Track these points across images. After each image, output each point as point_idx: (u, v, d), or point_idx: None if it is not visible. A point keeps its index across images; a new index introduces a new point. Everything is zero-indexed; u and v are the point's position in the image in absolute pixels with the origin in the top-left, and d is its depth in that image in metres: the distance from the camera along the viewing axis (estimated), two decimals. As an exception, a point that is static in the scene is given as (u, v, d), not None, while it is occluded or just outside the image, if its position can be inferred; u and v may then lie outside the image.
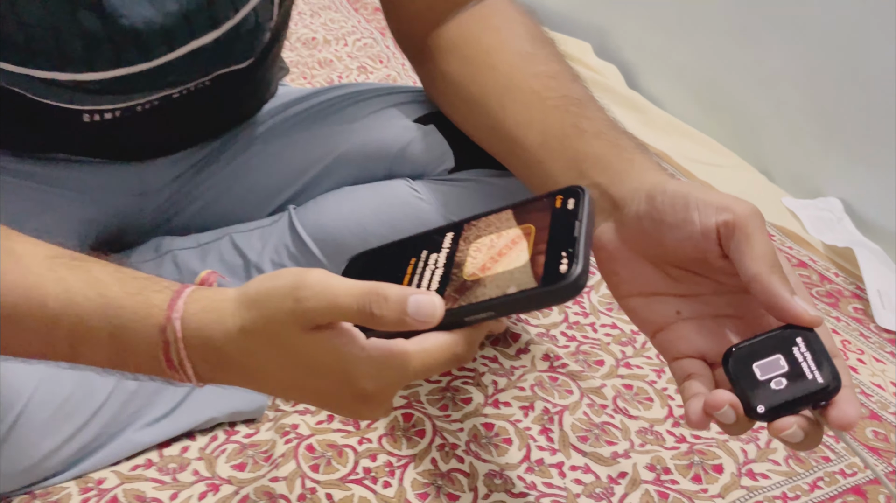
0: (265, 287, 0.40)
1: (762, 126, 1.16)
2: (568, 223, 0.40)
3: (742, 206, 0.42)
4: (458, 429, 0.70)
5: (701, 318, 0.45)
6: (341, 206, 0.70)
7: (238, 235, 0.73)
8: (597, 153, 0.50)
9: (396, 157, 0.70)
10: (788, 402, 0.39)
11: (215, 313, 0.41)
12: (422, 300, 0.38)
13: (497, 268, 0.40)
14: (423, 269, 0.44)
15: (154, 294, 0.42)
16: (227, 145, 0.75)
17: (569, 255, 0.38)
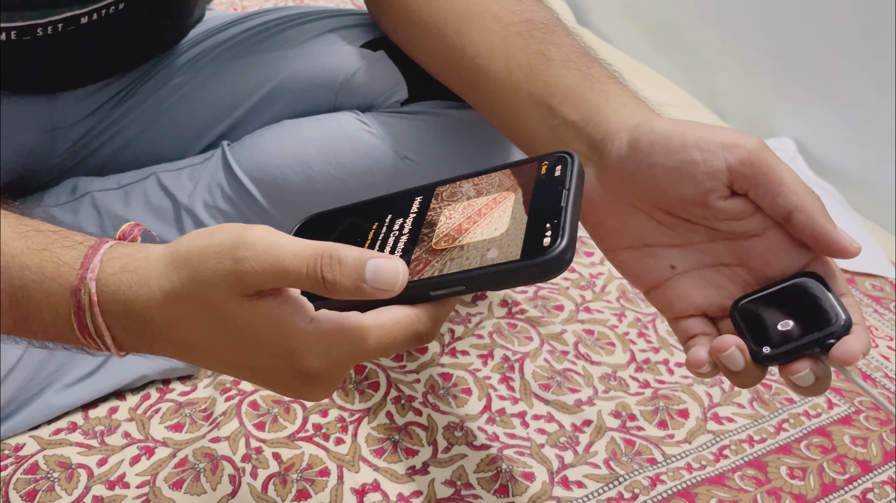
0: (198, 244, 0.34)
1: (715, 64, 1.13)
2: (554, 192, 0.36)
3: (751, 140, 0.39)
4: (415, 380, 0.65)
5: (698, 270, 0.42)
6: (281, 142, 0.63)
7: (165, 175, 0.66)
8: (568, 85, 0.45)
9: (342, 86, 0.64)
10: (796, 345, 0.37)
11: (137, 273, 0.35)
12: (382, 265, 0.33)
13: (471, 237, 0.36)
14: (387, 235, 0.39)
15: (64, 250, 0.36)
16: (149, 75, 0.67)
17: (553, 227, 0.34)
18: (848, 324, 0.36)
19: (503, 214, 0.36)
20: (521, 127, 0.47)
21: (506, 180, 0.38)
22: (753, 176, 0.38)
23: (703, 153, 0.39)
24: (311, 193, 0.62)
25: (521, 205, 0.36)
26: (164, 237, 0.64)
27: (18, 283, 0.35)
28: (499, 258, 0.34)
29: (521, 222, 0.35)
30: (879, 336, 0.78)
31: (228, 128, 0.67)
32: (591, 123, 0.43)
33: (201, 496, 0.54)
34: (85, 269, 0.35)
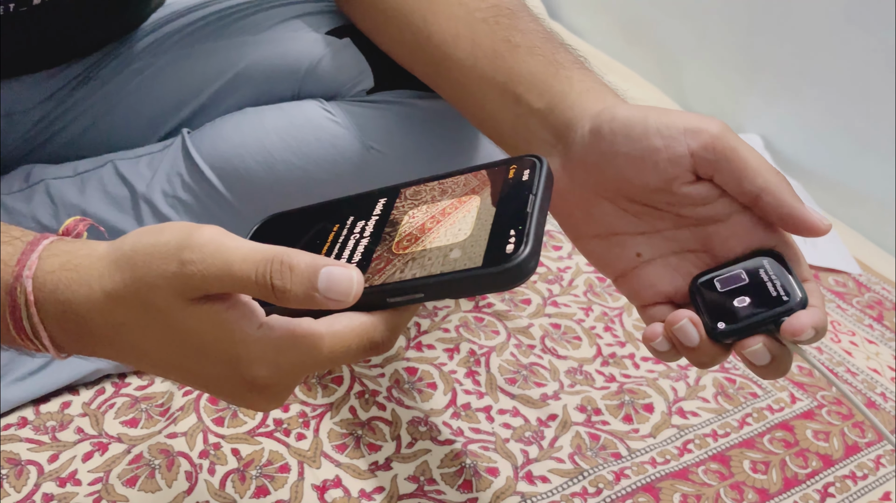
0: (144, 243, 0.32)
1: (685, 60, 1.14)
2: (521, 196, 0.34)
3: (713, 124, 0.38)
4: (379, 374, 0.64)
5: (664, 257, 0.42)
6: (243, 130, 0.62)
7: (123, 163, 0.64)
8: (532, 72, 0.44)
9: (306, 74, 0.62)
10: (751, 321, 0.37)
11: (78, 272, 0.33)
12: (336, 273, 0.31)
13: (431, 242, 0.34)
14: (347, 238, 0.37)
15: (1, 246, 0.34)
16: (108, 60, 0.65)
17: (518, 234, 0.32)
18: (803, 303, 0.36)
19: (467, 217, 0.35)
20: (488, 115, 0.46)
21: (473, 182, 0.37)
22: (717, 161, 0.38)
23: (665, 139, 0.38)
24: (274, 183, 0.60)
25: (487, 208, 0.35)
26: (121, 227, 0.62)
27: None
28: (460, 264, 0.32)
29: (486, 227, 0.34)
30: (842, 331, 0.78)
31: (189, 115, 0.65)
32: (556, 111, 0.42)
33: (156, 493, 0.52)
34: (21, 267, 0.33)
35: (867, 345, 0.77)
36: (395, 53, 0.56)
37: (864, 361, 0.75)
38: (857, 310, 0.82)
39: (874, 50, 0.91)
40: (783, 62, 1.02)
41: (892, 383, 0.73)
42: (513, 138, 0.45)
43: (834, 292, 0.84)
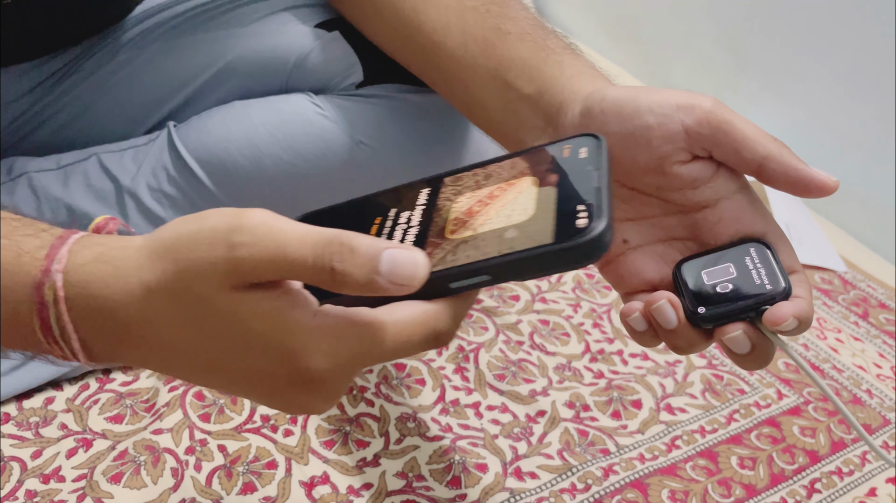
0: (187, 230, 0.30)
1: (673, 57, 1.14)
2: (582, 173, 0.33)
3: (706, 99, 0.38)
4: (367, 370, 0.64)
5: (650, 245, 0.41)
6: (230, 124, 0.61)
7: (107, 156, 0.63)
8: (523, 58, 0.44)
9: (295, 67, 0.62)
10: (731, 307, 0.36)
11: (113, 264, 0.30)
12: (399, 256, 0.29)
13: (491, 223, 0.32)
14: (392, 229, 0.35)
15: (26, 238, 0.31)
16: (93, 52, 0.64)
17: (588, 208, 0.31)
18: (786, 292, 0.36)
19: (526, 197, 0.33)
20: (478, 103, 0.46)
21: (523, 165, 0.35)
22: (714, 135, 0.37)
23: (658, 117, 0.38)
24: (262, 178, 0.60)
25: (546, 188, 0.33)
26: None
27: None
28: (528, 243, 0.30)
29: (550, 205, 0.32)
30: (828, 328, 0.79)
31: (175, 108, 0.64)
32: (546, 96, 0.42)
33: (141, 490, 0.52)
34: (50, 260, 0.30)
35: (853, 342, 0.77)
36: (385, 44, 0.55)
37: (849, 358, 0.75)
38: (842, 308, 0.82)
39: (859, 49, 0.92)
40: (769, 61, 1.02)
41: (877, 380, 0.73)
42: (503, 125, 0.45)
43: (820, 290, 0.84)
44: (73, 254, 0.31)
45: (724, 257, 0.38)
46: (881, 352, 0.77)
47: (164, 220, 0.61)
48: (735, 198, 0.39)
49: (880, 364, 0.75)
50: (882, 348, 0.77)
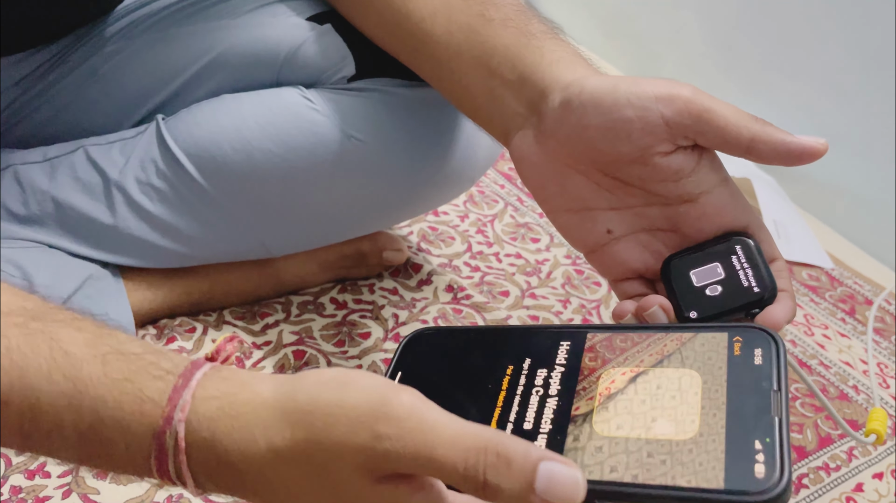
0: (325, 400, 0.28)
1: (663, 54, 1.14)
2: (758, 389, 0.29)
3: (684, 88, 0.38)
4: (356, 365, 0.64)
5: (634, 234, 0.42)
6: (219, 117, 0.61)
7: (94, 148, 0.62)
8: (505, 44, 0.44)
9: (286, 60, 0.61)
10: (721, 310, 0.37)
11: (239, 420, 0.29)
12: (558, 474, 0.26)
13: (647, 430, 0.29)
14: (527, 391, 0.33)
15: (149, 381, 0.30)
16: (80, 43, 0.64)
17: (766, 450, 0.27)
18: (773, 293, 0.36)
19: (690, 404, 0.29)
20: (463, 90, 0.46)
21: (685, 350, 0.31)
22: (696, 124, 0.37)
23: (637, 110, 0.38)
24: (252, 172, 0.59)
25: (712, 396, 0.29)
26: (92, 215, 0.60)
27: (91, 419, 0.30)
28: (690, 478, 0.27)
29: (718, 428, 0.28)
30: (815, 325, 0.79)
31: (164, 101, 0.64)
32: (528, 83, 0.42)
33: (128, 485, 0.51)
34: (172, 407, 0.29)
35: (839, 338, 0.78)
36: (374, 33, 0.55)
37: (836, 354, 0.76)
38: (829, 304, 0.83)
39: (848, 47, 0.92)
40: (759, 58, 1.03)
41: (863, 376, 0.74)
42: (488, 112, 0.45)
43: (807, 286, 0.85)
44: (196, 400, 0.29)
45: (711, 255, 0.39)
46: (867, 349, 0.77)
47: (153, 214, 0.60)
48: (716, 191, 0.39)
49: (867, 360, 0.76)
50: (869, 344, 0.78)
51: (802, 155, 0.37)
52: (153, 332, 0.63)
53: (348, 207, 0.62)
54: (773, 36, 0.99)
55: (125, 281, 0.63)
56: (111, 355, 0.30)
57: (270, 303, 0.68)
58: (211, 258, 0.64)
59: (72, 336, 0.30)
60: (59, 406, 0.30)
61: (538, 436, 0.31)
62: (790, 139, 0.37)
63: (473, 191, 0.88)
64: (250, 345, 0.32)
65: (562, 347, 0.34)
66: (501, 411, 0.33)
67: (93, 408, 0.30)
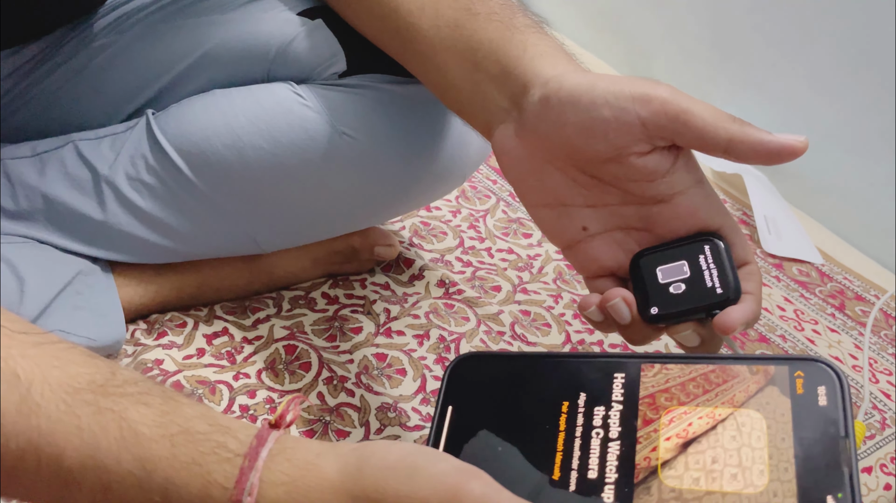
0: (395, 490, 0.28)
1: (654, 50, 1.14)
2: (824, 435, 0.27)
3: (662, 89, 0.38)
4: (348, 360, 0.64)
5: (609, 232, 0.42)
6: (210, 112, 0.60)
7: (84, 143, 0.62)
8: (490, 38, 0.44)
9: (277, 55, 0.61)
10: (683, 309, 0.37)
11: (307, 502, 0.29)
12: None
13: (714, 483, 0.28)
14: (587, 434, 0.32)
15: (216, 465, 0.30)
16: (70, 38, 0.63)
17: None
18: (736, 295, 0.37)
19: (756, 450, 0.28)
20: (450, 84, 0.46)
21: (747, 384, 0.30)
22: (672, 125, 0.37)
23: (614, 110, 0.38)
24: (242, 168, 0.59)
25: (779, 443, 0.28)
26: (82, 210, 0.60)
27: (160, 501, 0.30)
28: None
29: (788, 480, 0.26)
30: (805, 320, 0.80)
31: (154, 96, 0.64)
32: (510, 77, 0.42)
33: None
34: (241, 492, 0.29)
35: (829, 333, 0.79)
36: (365, 29, 0.55)
37: (826, 349, 0.76)
38: (819, 300, 0.83)
39: (839, 44, 0.92)
40: (750, 55, 1.03)
41: (853, 371, 0.74)
42: (472, 106, 0.45)
43: (797, 282, 0.85)
44: (264, 484, 0.29)
45: (679, 254, 0.39)
46: (857, 344, 0.78)
47: (143, 210, 0.60)
48: (690, 192, 0.39)
49: (856, 355, 0.76)
50: (858, 339, 0.79)
51: (781, 153, 0.37)
52: (144, 328, 0.63)
53: (339, 203, 0.62)
54: (764, 32, 0.99)
55: (115, 276, 0.63)
56: (179, 436, 0.30)
57: (262, 298, 0.68)
58: (201, 253, 0.64)
59: (140, 413, 0.31)
60: (128, 485, 0.30)
61: (605, 486, 0.30)
62: (768, 138, 0.37)
63: (465, 186, 0.88)
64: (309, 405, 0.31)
65: (616, 380, 0.33)
66: (563, 457, 0.32)
67: (162, 489, 0.30)
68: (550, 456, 0.32)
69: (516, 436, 0.33)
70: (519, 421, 0.34)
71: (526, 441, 0.33)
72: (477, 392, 0.36)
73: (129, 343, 0.62)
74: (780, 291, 0.83)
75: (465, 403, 0.35)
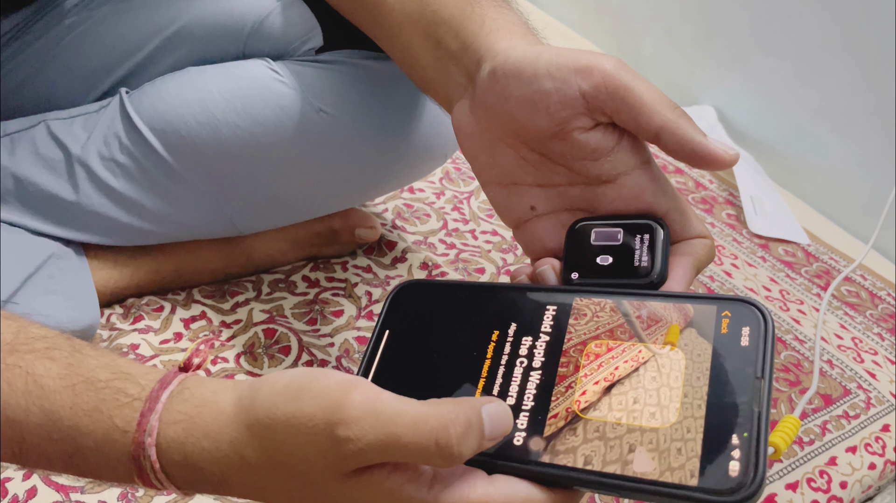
0: (282, 412, 0.29)
1: (641, 30, 1.13)
2: (741, 376, 0.28)
3: (606, 61, 0.37)
4: (328, 344, 0.63)
5: (556, 213, 0.41)
6: (184, 90, 0.59)
7: (56, 123, 0.60)
8: (451, 14, 0.43)
9: (252, 32, 0.60)
10: (605, 280, 0.36)
11: (208, 438, 0.31)
12: (495, 414, 0.29)
13: (627, 414, 0.29)
14: (511, 362, 0.33)
15: (116, 410, 0.31)
16: (40, 15, 0.62)
17: (742, 446, 0.26)
18: (660, 281, 0.36)
19: (670, 387, 0.28)
20: (414, 60, 0.45)
21: (668, 319, 0.31)
22: (611, 100, 0.36)
23: (556, 81, 0.37)
24: (218, 146, 0.58)
25: (695, 381, 0.28)
26: (54, 191, 0.59)
27: (70, 448, 0.31)
28: (665, 472, 0.27)
29: (697, 417, 0.27)
30: (791, 300, 0.79)
31: (127, 74, 0.62)
32: (468, 52, 0.41)
33: (93, 467, 0.50)
34: (141, 433, 0.31)
35: (815, 313, 0.78)
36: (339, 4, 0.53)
37: (811, 329, 0.76)
38: (805, 280, 0.83)
39: (825, 24, 0.92)
40: (737, 34, 1.02)
41: (837, 350, 0.74)
42: (435, 82, 0.44)
43: (783, 262, 0.85)
44: (163, 425, 0.31)
45: (616, 230, 0.38)
46: (842, 324, 0.78)
47: (117, 190, 0.59)
48: (634, 174, 0.38)
49: (841, 335, 0.76)
50: (843, 319, 0.78)
51: (706, 159, 0.36)
52: (120, 312, 0.62)
53: (317, 182, 0.61)
54: (752, 11, 0.98)
55: (90, 259, 0.61)
56: (81, 385, 0.32)
57: (241, 282, 0.67)
58: (178, 236, 0.63)
59: (46, 367, 0.32)
60: (39, 437, 0.31)
61: (520, 413, 0.31)
62: (699, 139, 0.36)
63: (449, 167, 0.87)
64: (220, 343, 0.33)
65: (548, 312, 0.34)
66: (486, 382, 0.33)
67: (70, 438, 0.31)
68: (474, 381, 0.33)
69: (445, 362, 0.34)
70: (450, 348, 0.34)
71: (453, 367, 0.34)
72: (415, 319, 0.36)
73: (104, 328, 0.60)
74: (766, 272, 0.83)
75: (402, 329, 0.36)
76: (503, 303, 0.35)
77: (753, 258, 0.84)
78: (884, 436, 0.66)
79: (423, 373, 0.34)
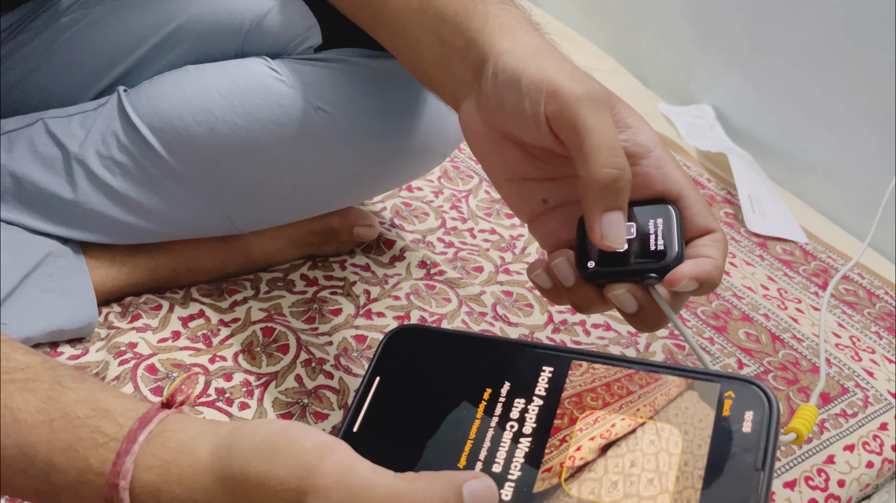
0: (255, 471, 0.29)
1: (639, 29, 1.13)
2: (739, 465, 0.26)
3: (571, 88, 0.36)
4: (327, 342, 0.63)
5: (567, 205, 0.41)
6: (183, 88, 0.59)
7: (54, 121, 0.60)
8: (455, 11, 0.43)
9: (251, 29, 0.60)
10: (620, 269, 0.36)
11: (182, 485, 0.30)
12: (478, 491, 0.27)
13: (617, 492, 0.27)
14: (502, 425, 0.31)
15: (92, 451, 0.31)
16: (37, 13, 0.62)
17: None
18: (677, 262, 0.36)
19: (665, 472, 0.27)
20: (417, 57, 0.45)
21: (668, 394, 0.29)
22: (562, 131, 0.37)
23: (531, 101, 0.38)
24: (216, 145, 0.58)
25: (690, 467, 0.27)
26: (52, 189, 0.59)
27: (45, 486, 0.31)
28: None
29: (693, 495, 0.26)
30: (789, 299, 0.79)
31: (125, 72, 0.62)
32: (472, 49, 0.41)
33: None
34: (115, 476, 0.30)
35: (812, 312, 0.78)
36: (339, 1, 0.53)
37: (809, 328, 0.76)
38: (803, 278, 0.83)
39: (824, 23, 0.92)
40: (735, 33, 1.02)
41: (836, 349, 0.74)
42: (440, 80, 0.44)
43: (781, 260, 0.85)
44: (138, 469, 0.30)
45: (631, 215, 0.38)
46: (840, 322, 0.78)
47: (115, 189, 0.59)
48: (643, 162, 0.39)
49: (839, 334, 0.76)
50: (841, 318, 0.78)
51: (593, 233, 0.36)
52: (118, 310, 0.62)
53: (316, 181, 0.61)
54: (751, 11, 0.98)
55: (87, 258, 0.61)
56: (58, 422, 0.31)
57: (239, 280, 0.67)
58: (176, 234, 0.62)
59: (24, 400, 0.31)
60: (14, 471, 0.31)
61: (506, 483, 0.30)
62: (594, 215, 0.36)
63: (448, 166, 0.87)
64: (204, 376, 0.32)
65: (543, 374, 0.33)
66: (473, 445, 0.31)
67: (45, 475, 0.31)
68: (461, 442, 0.32)
69: (434, 417, 0.33)
70: (440, 403, 0.33)
71: (442, 424, 0.32)
72: (408, 367, 0.35)
73: (102, 326, 0.60)
74: (764, 270, 0.83)
75: (394, 376, 0.35)
76: (499, 359, 0.34)
77: (751, 257, 0.84)
78: (882, 435, 0.66)
79: (410, 427, 0.33)
